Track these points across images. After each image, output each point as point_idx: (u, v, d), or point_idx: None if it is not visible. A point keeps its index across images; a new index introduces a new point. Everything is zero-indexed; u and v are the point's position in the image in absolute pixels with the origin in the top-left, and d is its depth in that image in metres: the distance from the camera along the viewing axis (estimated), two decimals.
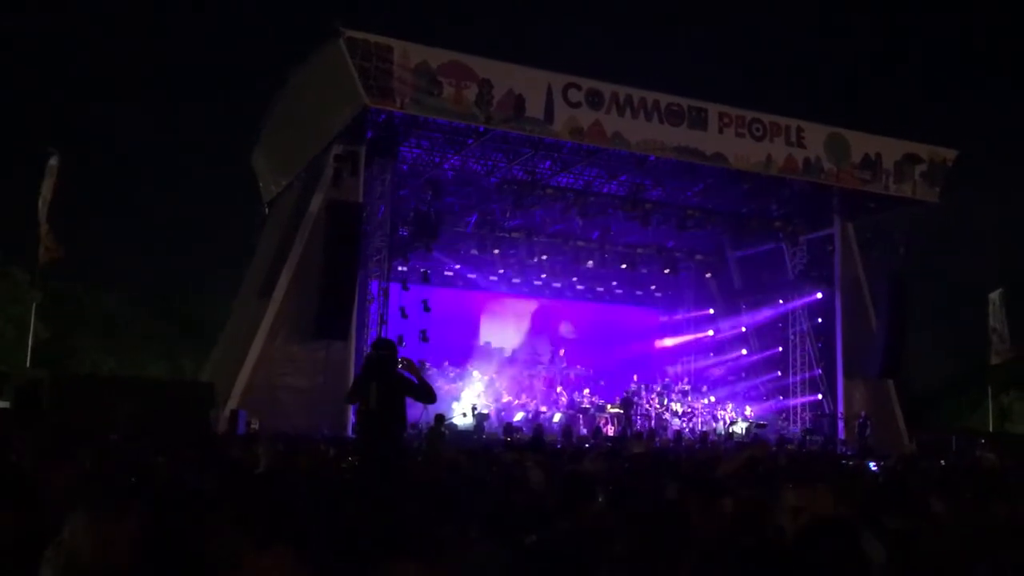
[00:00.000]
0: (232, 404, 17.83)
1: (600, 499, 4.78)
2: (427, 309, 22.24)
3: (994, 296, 26.56)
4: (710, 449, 17.35)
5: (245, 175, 25.23)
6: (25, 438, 5.77)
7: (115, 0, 47.72)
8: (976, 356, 29.18)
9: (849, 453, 20.45)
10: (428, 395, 8.16)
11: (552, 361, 26.89)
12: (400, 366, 8.16)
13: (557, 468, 6.95)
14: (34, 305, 20.65)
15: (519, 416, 22.64)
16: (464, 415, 21.83)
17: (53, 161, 17.57)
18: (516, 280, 27.03)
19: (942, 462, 9.45)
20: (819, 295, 25.24)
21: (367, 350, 20.02)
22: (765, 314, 26.94)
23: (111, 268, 33.81)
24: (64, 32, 44.93)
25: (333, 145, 19.04)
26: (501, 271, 26.38)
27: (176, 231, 40.64)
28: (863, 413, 23.56)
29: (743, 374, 27.60)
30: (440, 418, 16.63)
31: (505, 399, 23.74)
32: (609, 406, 23.97)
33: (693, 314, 29.39)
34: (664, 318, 29.98)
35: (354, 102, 17.51)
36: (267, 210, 24.14)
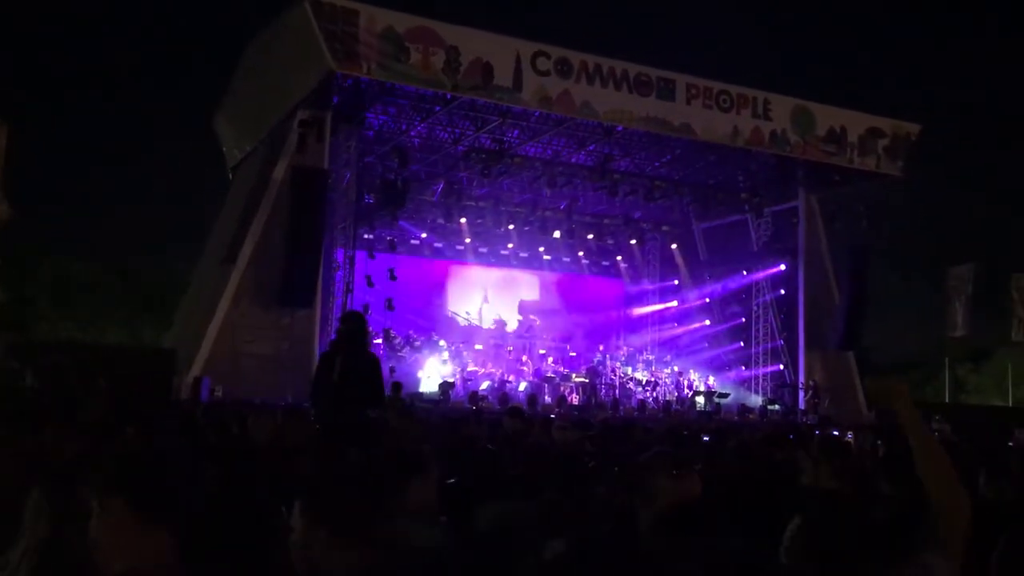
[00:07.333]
0: (195, 371, 17.65)
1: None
2: (393, 278, 22.13)
3: (956, 270, 26.93)
4: (676, 422, 17.56)
5: (208, 140, 24.85)
6: None
7: None
8: (935, 329, 29.71)
9: (810, 423, 20.78)
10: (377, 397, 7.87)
11: (526, 331, 26.71)
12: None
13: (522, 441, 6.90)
14: None
15: (485, 385, 22.66)
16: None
17: None
18: (483, 249, 26.93)
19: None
20: (782, 267, 25.46)
21: (333, 319, 19.93)
22: (729, 285, 27.13)
23: (70, 234, 33.31)
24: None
25: (298, 110, 18.75)
26: (468, 240, 26.25)
27: (136, 197, 40.04)
28: (812, 382, 23.90)
29: (706, 344, 27.80)
30: (397, 387, 16.42)
31: (471, 368, 23.72)
32: (574, 375, 24.04)
33: (658, 285, 29.53)
34: (630, 288, 30.07)
35: (320, 67, 17.21)
36: (230, 175, 23.81)
